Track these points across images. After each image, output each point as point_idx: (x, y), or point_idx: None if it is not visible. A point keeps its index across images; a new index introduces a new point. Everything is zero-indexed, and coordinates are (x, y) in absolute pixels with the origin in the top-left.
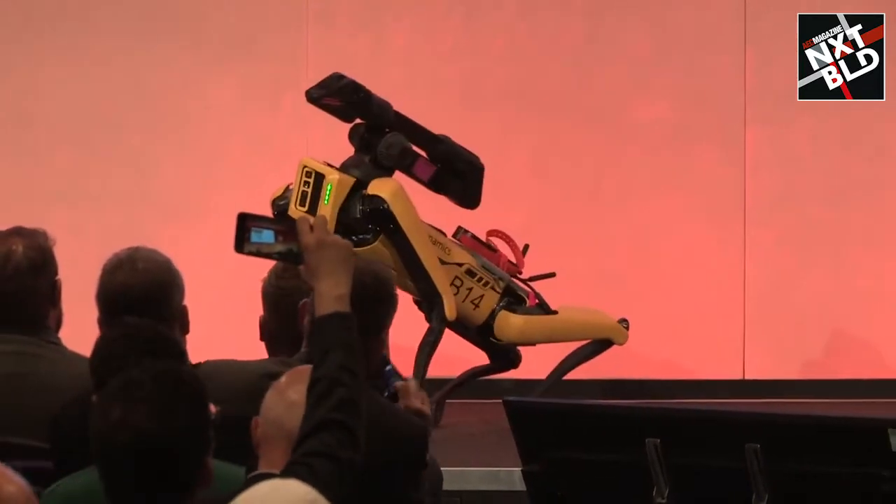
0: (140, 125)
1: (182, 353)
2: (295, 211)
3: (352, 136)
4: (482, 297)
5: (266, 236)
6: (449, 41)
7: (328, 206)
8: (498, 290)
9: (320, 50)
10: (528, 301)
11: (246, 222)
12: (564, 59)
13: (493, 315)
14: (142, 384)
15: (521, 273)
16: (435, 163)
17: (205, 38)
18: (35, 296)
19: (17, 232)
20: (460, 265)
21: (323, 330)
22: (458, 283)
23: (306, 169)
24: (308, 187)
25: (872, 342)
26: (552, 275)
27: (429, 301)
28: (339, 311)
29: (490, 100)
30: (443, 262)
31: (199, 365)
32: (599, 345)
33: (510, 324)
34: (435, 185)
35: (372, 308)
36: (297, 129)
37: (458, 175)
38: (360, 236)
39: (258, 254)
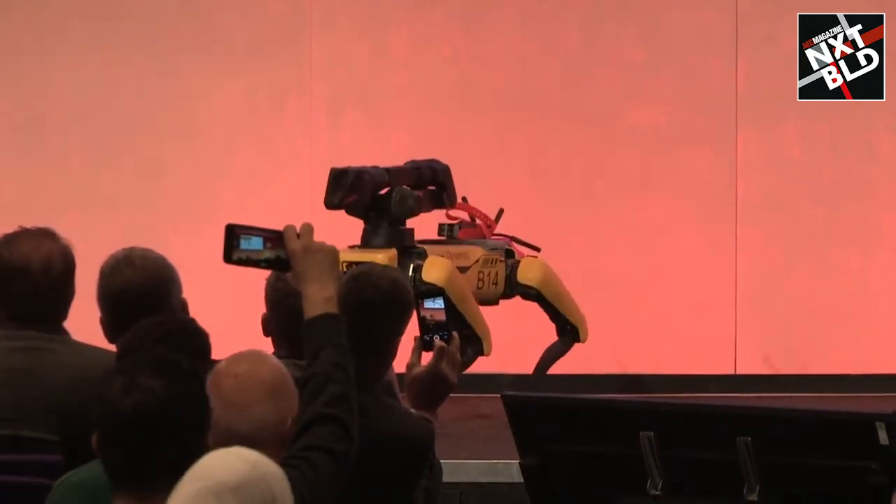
0: (149, 130)
1: (206, 347)
2: None
3: (352, 209)
4: (497, 272)
5: (255, 243)
6: (448, 47)
7: None
8: (502, 259)
9: (323, 56)
10: (517, 255)
11: (234, 231)
12: (560, 65)
13: (508, 279)
14: (147, 362)
15: (493, 226)
16: (430, 186)
17: (212, 46)
18: (66, 298)
19: (43, 233)
20: (477, 261)
21: (313, 330)
22: (481, 276)
23: (346, 263)
24: None
25: (860, 339)
26: (537, 248)
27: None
28: (329, 312)
29: (488, 104)
30: (464, 269)
31: (214, 363)
32: (567, 342)
33: (532, 265)
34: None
35: (388, 313)
36: (301, 132)
37: (442, 187)
38: None
39: (247, 261)
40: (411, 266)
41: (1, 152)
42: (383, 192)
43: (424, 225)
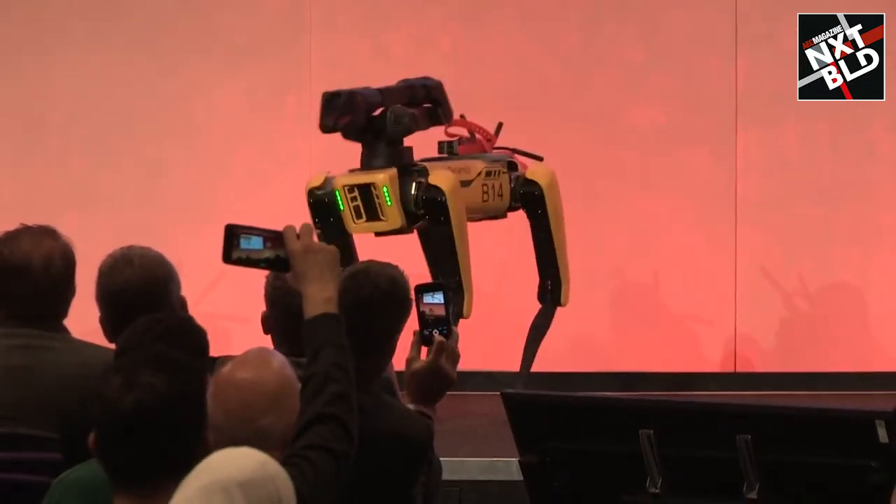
0: (149, 129)
1: (204, 344)
2: (355, 226)
3: (347, 132)
4: (501, 184)
5: (255, 243)
6: (447, 47)
7: (393, 206)
8: (505, 170)
9: (323, 56)
10: (520, 167)
11: (234, 231)
12: (560, 65)
13: (513, 191)
14: (145, 360)
15: (493, 140)
16: (426, 104)
17: (212, 46)
18: (65, 297)
19: (43, 232)
20: (480, 174)
21: (313, 330)
22: (485, 188)
23: (346, 186)
24: (357, 201)
25: (859, 337)
26: (540, 158)
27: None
28: (328, 312)
29: (487, 104)
30: (466, 183)
31: (213, 361)
32: (547, 313)
33: (543, 168)
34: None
35: (386, 310)
36: (301, 131)
37: (437, 103)
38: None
39: (247, 261)
40: (413, 183)
41: (1, 152)
42: (377, 112)
43: (423, 143)
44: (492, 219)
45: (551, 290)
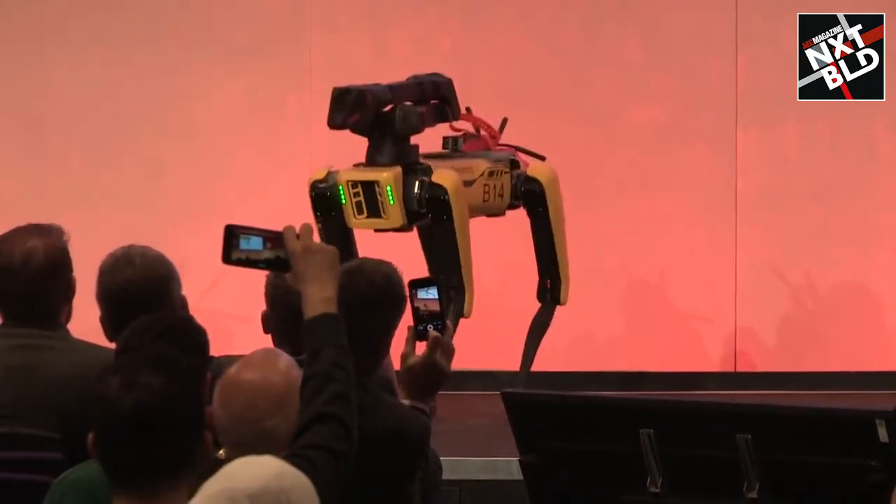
0: (149, 128)
1: (204, 343)
2: (356, 221)
3: (356, 128)
4: (502, 184)
5: (254, 243)
6: (448, 46)
7: (396, 204)
8: (507, 170)
9: (323, 54)
10: (522, 165)
11: (234, 231)
12: (560, 64)
13: (514, 189)
14: (145, 360)
15: (497, 137)
16: (433, 100)
17: (212, 45)
18: (53, 295)
19: (36, 231)
20: (482, 174)
21: (313, 330)
22: (486, 188)
23: (350, 182)
24: (359, 196)
25: (859, 337)
26: (542, 157)
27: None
28: (328, 313)
29: (488, 103)
30: (469, 183)
31: (212, 360)
32: (547, 311)
33: (544, 166)
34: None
35: (381, 308)
36: (301, 130)
37: (445, 101)
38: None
39: (246, 261)
40: (417, 181)
41: (1, 151)
42: (387, 109)
43: (428, 137)
44: (490, 216)
45: (551, 290)
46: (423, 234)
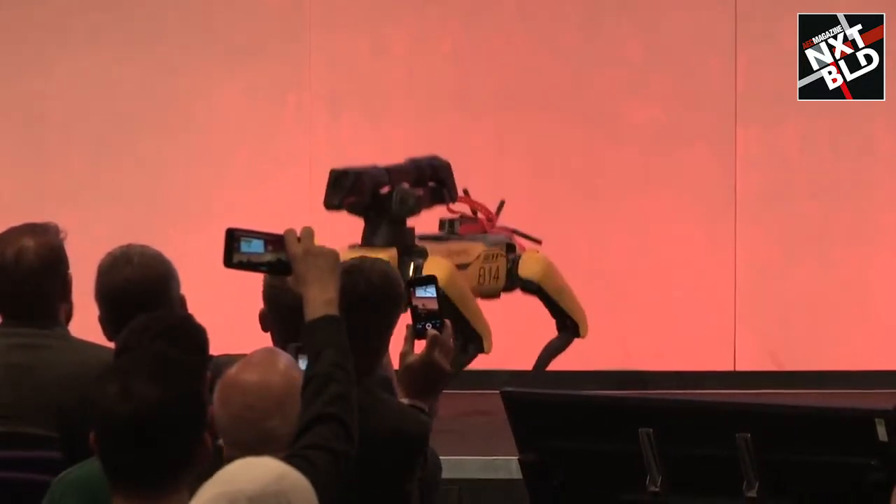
0: (149, 128)
1: (203, 343)
2: None
3: (352, 209)
4: (498, 267)
5: (255, 246)
6: (447, 45)
7: None
8: (503, 253)
9: (322, 54)
10: (518, 249)
11: (235, 234)
12: (560, 63)
13: (510, 272)
14: (143, 363)
15: (493, 219)
16: (429, 183)
17: (212, 45)
18: (47, 294)
19: (30, 230)
20: (478, 257)
21: (314, 332)
22: (482, 272)
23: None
24: None
25: (859, 336)
26: (538, 241)
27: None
28: (329, 314)
29: (487, 102)
30: (464, 266)
31: (212, 359)
32: (566, 338)
33: (534, 259)
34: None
35: (380, 307)
36: (300, 130)
37: (443, 183)
38: None
39: (248, 265)
40: (412, 265)
41: (1, 151)
42: (384, 191)
43: (425, 219)
44: (485, 298)
45: (570, 326)
46: None
